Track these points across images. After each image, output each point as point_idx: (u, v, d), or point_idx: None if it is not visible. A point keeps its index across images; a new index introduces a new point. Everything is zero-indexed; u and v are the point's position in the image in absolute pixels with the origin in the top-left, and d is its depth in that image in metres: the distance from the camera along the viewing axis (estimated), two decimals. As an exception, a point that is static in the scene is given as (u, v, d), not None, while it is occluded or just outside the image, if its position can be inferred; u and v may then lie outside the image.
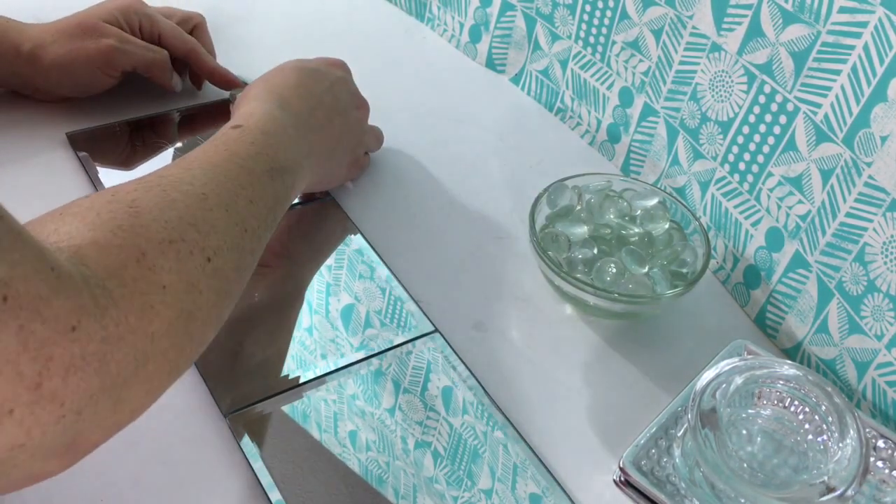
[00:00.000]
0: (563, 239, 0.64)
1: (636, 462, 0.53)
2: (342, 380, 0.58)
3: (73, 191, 0.69)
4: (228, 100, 0.78)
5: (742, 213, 0.66)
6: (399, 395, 0.58)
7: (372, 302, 0.63)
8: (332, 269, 0.66)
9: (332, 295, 0.64)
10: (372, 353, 0.60)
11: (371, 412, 0.56)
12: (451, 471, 0.54)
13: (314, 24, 0.94)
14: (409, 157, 0.78)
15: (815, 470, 0.50)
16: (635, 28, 0.72)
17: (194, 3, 0.93)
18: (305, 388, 0.57)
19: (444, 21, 0.93)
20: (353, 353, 0.60)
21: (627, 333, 0.64)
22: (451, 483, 0.53)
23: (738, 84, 0.64)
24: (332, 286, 0.64)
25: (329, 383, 0.58)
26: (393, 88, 0.86)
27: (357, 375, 0.58)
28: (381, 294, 0.64)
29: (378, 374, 0.59)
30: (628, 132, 0.77)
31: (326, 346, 0.60)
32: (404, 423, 0.56)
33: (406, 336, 0.61)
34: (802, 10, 0.57)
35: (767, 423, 0.54)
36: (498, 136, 0.82)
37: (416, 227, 0.71)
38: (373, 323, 0.62)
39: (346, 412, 0.56)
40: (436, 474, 0.54)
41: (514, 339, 0.63)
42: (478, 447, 0.55)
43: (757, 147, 0.63)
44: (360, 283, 0.65)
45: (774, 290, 0.64)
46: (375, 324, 0.62)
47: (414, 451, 0.55)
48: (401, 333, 0.61)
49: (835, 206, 0.58)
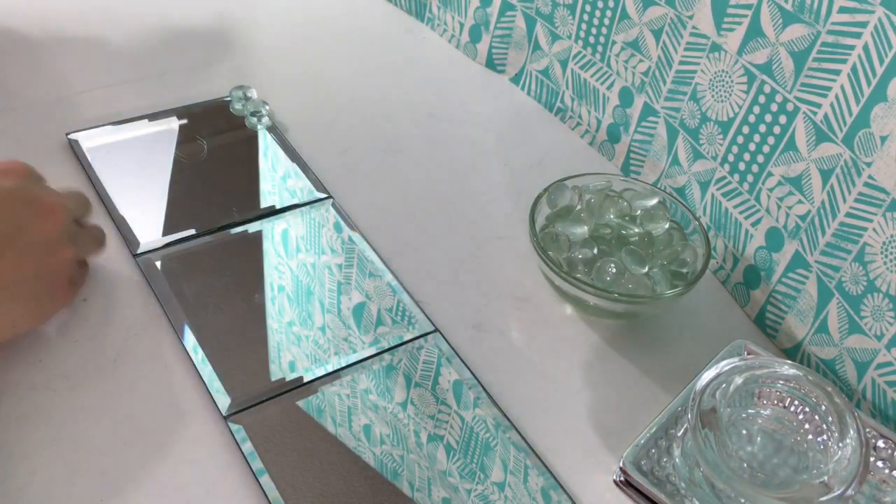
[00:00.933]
0: (563, 239, 0.64)
1: (636, 462, 0.53)
2: (344, 380, 0.58)
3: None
4: (229, 99, 0.79)
5: (742, 213, 0.66)
6: (409, 389, 0.58)
7: (382, 300, 0.63)
8: (331, 269, 0.66)
9: (343, 294, 0.64)
10: (376, 352, 0.60)
11: (380, 407, 0.57)
12: (464, 464, 0.54)
13: (314, 23, 0.93)
14: (408, 157, 0.78)
15: (815, 470, 0.50)
16: (635, 28, 0.72)
17: (196, 5, 0.93)
18: (304, 391, 0.57)
19: (444, 21, 0.93)
20: (353, 354, 0.60)
21: (627, 333, 0.64)
22: (463, 476, 0.54)
23: (738, 84, 0.64)
24: (336, 284, 0.64)
25: (329, 384, 0.58)
26: (392, 88, 0.86)
27: (355, 378, 0.58)
28: (385, 294, 0.64)
29: (383, 372, 0.59)
30: (628, 132, 0.77)
31: (335, 344, 0.60)
32: (416, 417, 0.56)
33: (406, 335, 0.61)
34: (802, 10, 0.57)
35: (767, 423, 0.54)
36: (498, 136, 0.82)
37: (415, 227, 0.71)
38: (383, 321, 0.62)
39: (359, 407, 0.56)
40: (449, 467, 0.54)
41: (514, 339, 0.63)
42: (489, 440, 0.55)
43: (757, 147, 0.63)
44: (369, 281, 0.65)
45: (774, 289, 0.64)
46: (387, 321, 0.62)
47: (427, 444, 0.55)
48: (408, 329, 0.61)
49: (835, 206, 0.58)
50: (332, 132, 0.79)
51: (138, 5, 0.91)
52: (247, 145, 0.76)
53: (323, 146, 0.77)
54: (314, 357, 0.60)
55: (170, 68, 0.83)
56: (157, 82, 0.81)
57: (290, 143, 0.76)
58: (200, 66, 0.84)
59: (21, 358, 0.57)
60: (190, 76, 0.82)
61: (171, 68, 0.83)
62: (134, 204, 0.69)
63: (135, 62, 0.84)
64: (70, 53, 0.83)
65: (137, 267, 0.64)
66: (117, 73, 0.81)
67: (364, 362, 0.59)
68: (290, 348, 0.60)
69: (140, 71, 0.82)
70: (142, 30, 0.88)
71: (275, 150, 0.75)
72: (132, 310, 0.61)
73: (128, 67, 0.82)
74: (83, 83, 0.80)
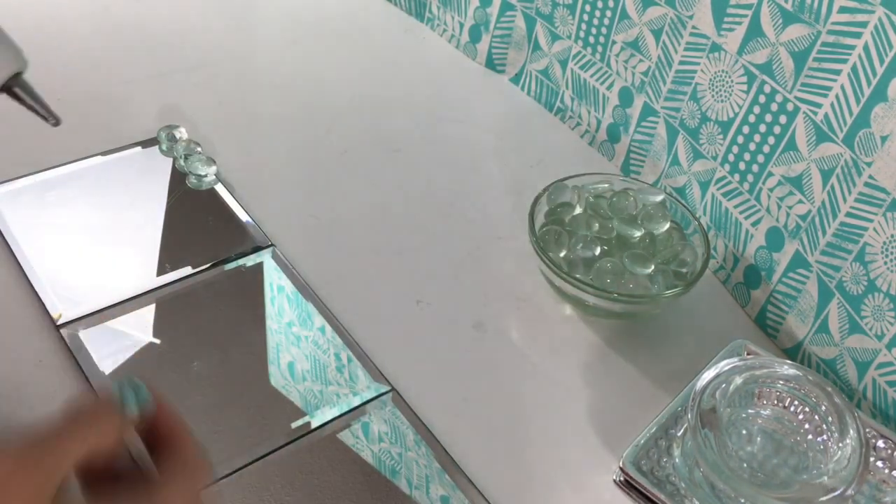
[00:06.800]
0: (563, 239, 0.64)
1: (636, 462, 0.53)
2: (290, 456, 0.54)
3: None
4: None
5: (742, 212, 0.66)
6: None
7: (321, 357, 0.60)
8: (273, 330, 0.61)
9: (284, 353, 0.60)
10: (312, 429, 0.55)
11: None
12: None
13: (315, 23, 0.93)
14: (408, 156, 0.78)
15: (815, 470, 0.50)
16: (635, 28, 0.72)
17: (198, 4, 0.93)
18: (257, 467, 0.52)
19: (444, 21, 0.93)
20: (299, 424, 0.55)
21: (627, 333, 0.64)
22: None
23: (738, 84, 0.63)
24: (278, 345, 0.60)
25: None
26: (392, 88, 0.86)
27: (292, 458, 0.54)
28: (324, 351, 0.60)
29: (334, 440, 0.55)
30: (628, 132, 0.77)
31: (285, 409, 0.56)
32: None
33: (358, 398, 0.57)
34: (802, 10, 0.57)
35: (767, 422, 0.54)
36: (497, 136, 0.82)
37: (415, 227, 0.71)
38: (324, 381, 0.59)
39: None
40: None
41: (514, 339, 0.63)
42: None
43: (757, 147, 0.63)
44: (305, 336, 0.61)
45: (775, 289, 0.64)
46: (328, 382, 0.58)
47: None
48: (351, 393, 0.57)
49: (835, 205, 0.58)
50: (332, 132, 0.79)
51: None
52: (189, 196, 0.70)
53: (321, 147, 0.77)
54: (268, 426, 0.55)
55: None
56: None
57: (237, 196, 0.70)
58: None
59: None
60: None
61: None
62: (58, 265, 0.62)
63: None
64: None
65: (60, 339, 0.58)
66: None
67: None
68: (245, 419, 0.55)
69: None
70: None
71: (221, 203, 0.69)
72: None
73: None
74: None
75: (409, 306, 0.65)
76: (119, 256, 0.65)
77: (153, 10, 0.91)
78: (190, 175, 0.71)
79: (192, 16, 0.91)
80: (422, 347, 0.62)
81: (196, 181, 0.70)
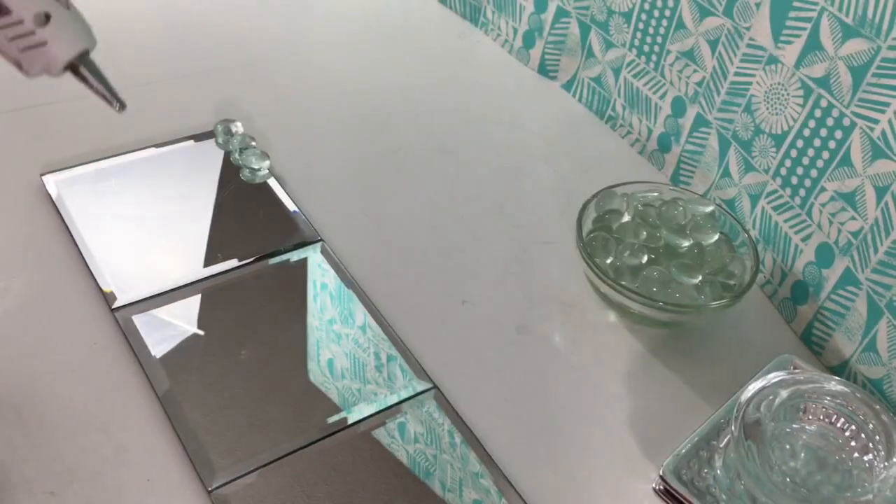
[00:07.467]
0: (611, 246, 0.64)
1: (676, 471, 0.53)
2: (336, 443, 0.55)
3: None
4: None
5: (792, 227, 0.66)
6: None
7: (362, 356, 0.60)
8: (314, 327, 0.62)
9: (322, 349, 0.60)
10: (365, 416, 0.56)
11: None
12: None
13: (369, 25, 0.95)
14: (458, 158, 0.78)
15: (860, 488, 0.49)
16: (691, 38, 0.72)
17: (258, 2, 0.94)
18: (291, 460, 0.53)
19: (498, 26, 0.93)
20: (347, 415, 0.56)
21: (671, 343, 0.64)
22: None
23: (794, 97, 0.63)
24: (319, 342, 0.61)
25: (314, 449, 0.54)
26: (444, 91, 0.86)
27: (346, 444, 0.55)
28: (368, 351, 0.61)
29: (373, 437, 0.55)
30: (679, 142, 0.77)
31: (321, 405, 0.57)
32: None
33: (400, 393, 0.58)
34: (863, 25, 0.56)
35: (812, 439, 0.53)
36: (548, 142, 0.82)
37: (463, 228, 0.71)
38: (367, 379, 0.59)
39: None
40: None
41: (557, 344, 0.63)
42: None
43: (810, 161, 0.63)
44: (347, 333, 0.61)
45: (822, 306, 0.64)
46: (374, 378, 0.59)
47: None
48: (395, 390, 0.58)
49: (888, 223, 0.57)
50: (384, 132, 0.80)
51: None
52: (244, 189, 0.71)
53: (373, 146, 0.78)
54: (304, 421, 0.56)
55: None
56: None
57: (290, 191, 0.71)
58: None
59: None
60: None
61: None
62: (112, 251, 0.64)
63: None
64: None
65: (115, 322, 0.60)
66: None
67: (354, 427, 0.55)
68: (284, 411, 0.56)
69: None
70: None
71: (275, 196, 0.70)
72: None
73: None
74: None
75: (454, 306, 0.65)
76: (170, 246, 0.66)
77: (215, 5, 0.93)
78: (244, 168, 0.72)
79: (252, 14, 0.93)
80: (465, 348, 0.62)
81: (250, 175, 0.71)
